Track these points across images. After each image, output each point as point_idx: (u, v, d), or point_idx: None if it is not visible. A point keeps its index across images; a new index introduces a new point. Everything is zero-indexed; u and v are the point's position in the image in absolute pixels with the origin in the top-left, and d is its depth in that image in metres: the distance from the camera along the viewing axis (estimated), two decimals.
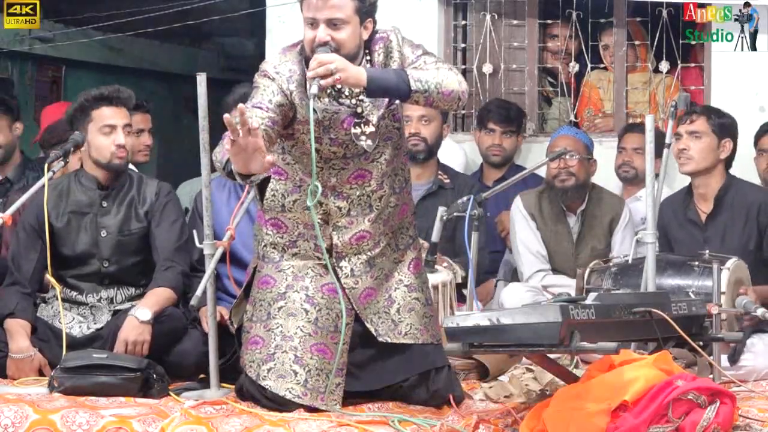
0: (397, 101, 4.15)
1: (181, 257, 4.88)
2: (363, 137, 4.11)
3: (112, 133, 4.79)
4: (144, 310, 4.64)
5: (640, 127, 6.09)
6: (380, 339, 4.22)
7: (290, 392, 4.11)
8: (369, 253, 4.25)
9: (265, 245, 4.32)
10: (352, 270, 4.24)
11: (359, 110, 4.11)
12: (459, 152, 6.48)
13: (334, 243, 4.21)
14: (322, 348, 4.17)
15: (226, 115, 3.60)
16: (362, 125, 4.11)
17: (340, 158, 4.15)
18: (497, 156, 6.32)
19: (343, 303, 4.16)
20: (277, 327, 4.19)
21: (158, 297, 4.73)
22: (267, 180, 4.24)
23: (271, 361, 4.17)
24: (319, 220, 4.13)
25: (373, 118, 4.13)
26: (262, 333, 4.22)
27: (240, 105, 3.64)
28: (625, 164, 6.08)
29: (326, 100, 4.09)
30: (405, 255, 4.35)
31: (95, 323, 4.79)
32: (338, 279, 4.20)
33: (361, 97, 4.10)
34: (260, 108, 3.95)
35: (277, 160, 4.23)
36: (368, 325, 4.23)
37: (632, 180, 6.03)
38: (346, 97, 4.10)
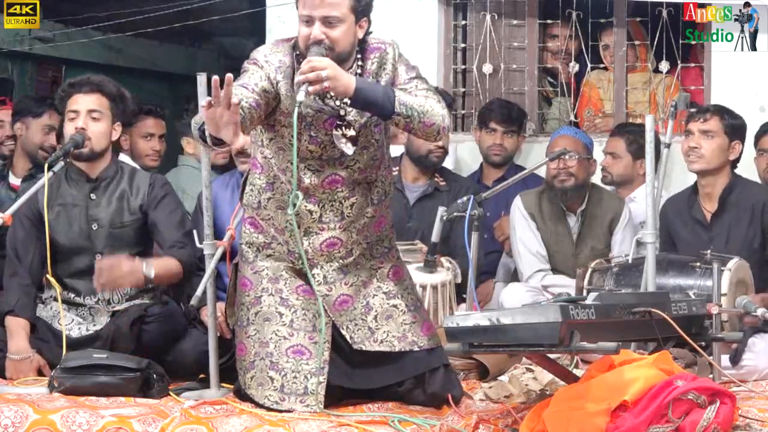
0: None
1: (187, 239, 4.79)
2: (343, 140, 4.08)
3: (75, 119, 4.78)
4: (150, 265, 4.58)
5: (619, 129, 6.11)
6: (355, 347, 4.21)
7: (268, 399, 4.12)
8: (341, 261, 4.23)
9: (242, 243, 4.33)
10: (324, 277, 4.22)
11: (342, 113, 4.10)
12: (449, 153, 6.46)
13: (305, 249, 4.18)
14: (298, 349, 4.16)
15: (215, 77, 3.58)
16: (344, 128, 4.09)
17: (316, 159, 4.13)
18: (498, 155, 6.32)
19: (321, 303, 4.15)
20: (255, 333, 4.21)
21: (165, 262, 4.69)
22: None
23: (252, 369, 4.19)
24: (290, 224, 4.12)
25: (356, 124, 4.11)
26: (243, 339, 4.25)
27: (228, 75, 3.60)
28: (604, 169, 6.08)
29: (312, 97, 4.06)
30: (382, 263, 4.32)
31: (94, 325, 4.78)
32: (311, 286, 4.19)
33: (346, 100, 4.09)
34: (246, 88, 3.92)
35: (256, 153, 4.23)
36: (343, 332, 4.21)
37: (610, 185, 6.04)
38: (331, 98, 4.08)
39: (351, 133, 4.09)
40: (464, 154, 6.73)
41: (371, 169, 4.22)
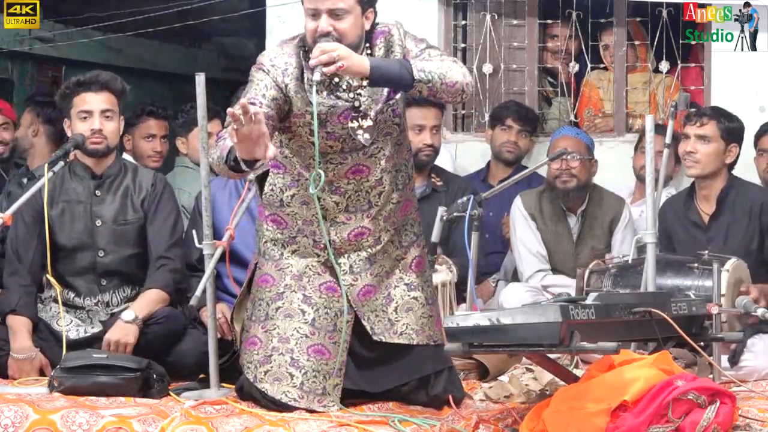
0: (397, 96, 4.13)
1: (174, 253, 4.87)
2: (360, 131, 4.09)
3: (88, 118, 4.79)
4: (129, 312, 4.66)
5: (662, 128, 6.07)
6: (375, 337, 4.21)
7: (286, 395, 4.11)
8: (369, 250, 4.23)
9: (265, 241, 4.32)
10: (350, 267, 4.22)
11: (357, 104, 4.09)
12: (446, 154, 6.45)
13: (332, 239, 4.18)
14: (319, 349, 4.16)
15: (230, 109, 3.61)
16: (360, 119, 4.09)
17: (338, 152, 4.13)
18: (511, 153, 6.34)
19: (345, 301, 4.16)
20: (275, 328, 4.19)
21: (147, 299, 4.74)
22: (266, 175, 4.25)
23: (267, 363, 4.17)
24: (316, 214, 4.13)
25: (371, 112, 4.11)
26: (260, 334, 4.22)
27: (240, 101, 3.63)
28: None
29: (324, 93, 4.07)
30: (408, 252, 4.32)
31: (93, 327, 4.78)
32: (336, 276, 4.20)
33: (359, 90, 4.08)
34: (253, 104, 3.91)
35: (276, 154, 4.23)
36: (364, 323, 4.21)
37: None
38: (344, 90, 4.08)
39: (367, 123, 4.09)
40: (464, 153, 6.72)
41: (398, 155, 4.21)
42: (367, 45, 4.10)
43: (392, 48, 4.10)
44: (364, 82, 3.99)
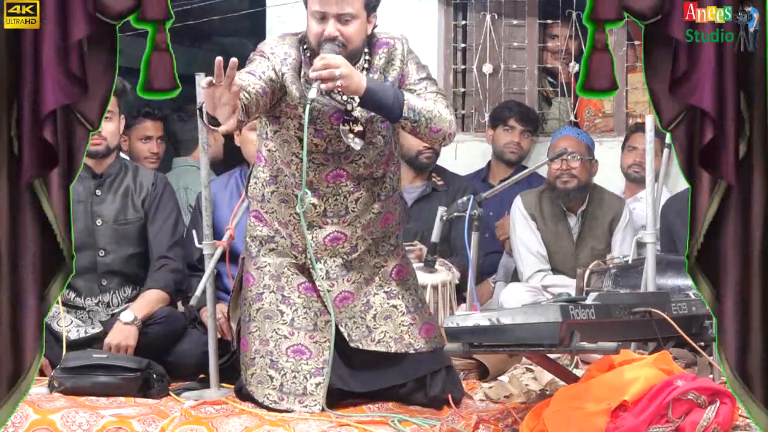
0: None
1: (175, 253, 4.87)
2: (351, 135, 4.06)
3: None
4: (128, 313, 4.65)
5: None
6: (352, 345, 4.18)
7: (267, 398, 4.12)
8: (345, 257, 4.20)
9: (246, 237, 4.32)
10: (327, 273, 4.20)
11: (349, 107, 4.08)
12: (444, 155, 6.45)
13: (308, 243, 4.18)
14: (299, 349, 4.15)
15: (219, 57, 3.56)
16: (351, 123, 4.07)
17: (321, 152, 4.10)
18: (514, 153, 6.34)
19: (329, 300, 4.15)
20: (256, 330, 4.20)
21: (147, 300, 4.74)
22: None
23: (252, 366, 4.18)
24: (295, 215, 4.12)
25: (362, 119, 4.09)
26: (246, 335, 4.25)
27: (232, 59, 3.59)
28: (636, 164, 6.03)
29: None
30: (387, 261, 4.30)
31: (93, 327, 4.78)
32: (313, 282, 4.19)
33: (353, 95, 4.08)
34: (253, 75, 3.91)
35: (261, 147, 4.22)
36: (341, 329, 4.19)
37: (642, 180, 6.00)
38: (338, 92, 4.06)
39: (358, 128, 4.07)
40: (464, 153, 6.73)
41: (378, 165, 4.19)
42: (367, 52, 4.09)
43: (393, 62, 4.09)
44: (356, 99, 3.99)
